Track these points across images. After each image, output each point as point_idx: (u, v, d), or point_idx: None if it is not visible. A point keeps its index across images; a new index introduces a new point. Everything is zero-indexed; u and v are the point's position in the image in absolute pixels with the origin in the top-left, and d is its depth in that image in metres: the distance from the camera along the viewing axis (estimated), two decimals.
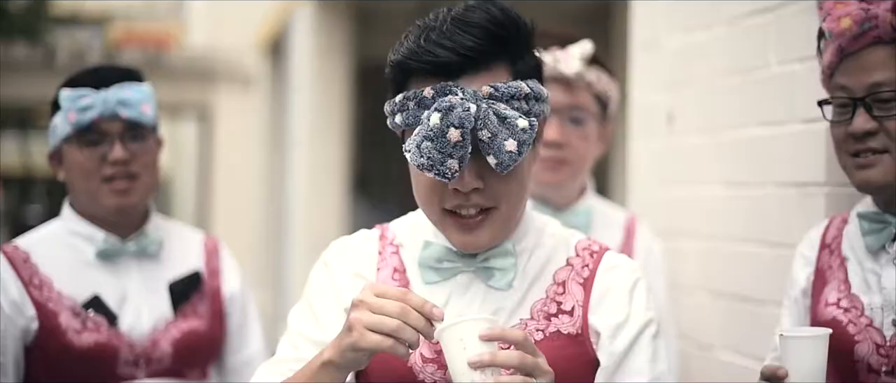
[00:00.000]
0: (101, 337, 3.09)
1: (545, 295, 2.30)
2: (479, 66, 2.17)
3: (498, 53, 2.19)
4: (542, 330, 2.27)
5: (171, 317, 3.20)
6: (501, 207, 2.23)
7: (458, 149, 2.11)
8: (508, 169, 2.13)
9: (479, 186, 2.19)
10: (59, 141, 3.16)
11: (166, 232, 3.33)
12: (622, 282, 2.32)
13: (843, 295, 2.61)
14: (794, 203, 3.25)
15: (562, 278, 2.32)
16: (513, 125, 2.12)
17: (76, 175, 3.16)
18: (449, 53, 2.16)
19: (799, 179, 3.23)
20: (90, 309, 3.10)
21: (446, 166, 2.12)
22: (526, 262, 2.33)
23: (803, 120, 3.19)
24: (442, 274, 2.30)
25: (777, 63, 3.36)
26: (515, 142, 2.11)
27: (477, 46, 2.16)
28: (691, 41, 3.95)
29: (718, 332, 3.68)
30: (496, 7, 2.20)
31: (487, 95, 2.14)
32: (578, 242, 2.38)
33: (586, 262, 2.35)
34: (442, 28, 2.17)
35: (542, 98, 2.23)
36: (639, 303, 2.31)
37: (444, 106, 2.11)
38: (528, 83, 2.20)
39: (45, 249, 3.18)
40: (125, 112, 3.11)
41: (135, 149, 3.14)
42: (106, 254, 3.18)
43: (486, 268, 2.29)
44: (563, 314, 2.29)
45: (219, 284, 3.34)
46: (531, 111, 2.19)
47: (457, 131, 2.10)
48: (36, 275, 3.12)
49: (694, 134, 3.92)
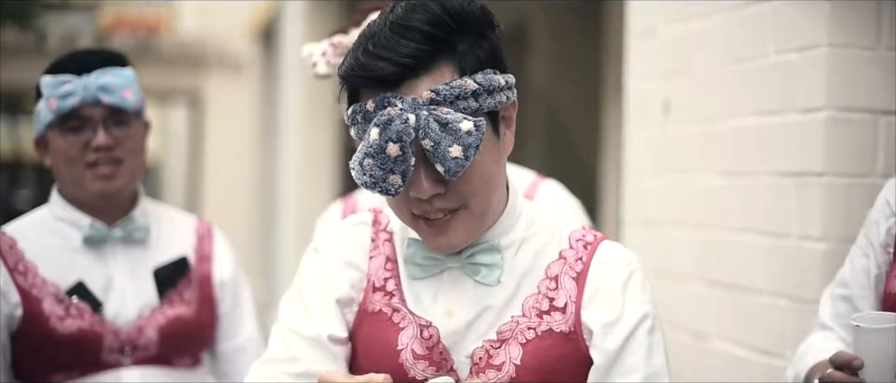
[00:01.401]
0: (84, 324, 3.06)
1: (537, 291, 2.23)
2: (419, 72, 2.08)
3: (439, 53, 2.10)
4: (533, 328, 2.21)
5: (157, 304, 3.17)
6: (470, 205, 2.16)
7: (399, 164, 2.05)
8: (457, 175, 2.05)
9: (439, 191, 2.12)
10: (43, 127, 3.14)
11: (156, 217, 3.31)
12: (616, 277, 2.23)
13: None
14: (790, 192, 3.24)
15: (554, 272, 2.24)
16: (455, 129, 2.04)
17: (60, 161, 3.14)
18: (386, 63, 2.07)
19: (796, 169, 3.22)
20: (74, 296, 3.08)
21: (389, 183, 2.07)
22: (514, 256, 2.25)
23: (801, 109, 3.19)
24: (428, 270, 2.25)
25: (775, 52, 3.35)
26: (460, 147, 2.04)
27: (414, 52, 2.07)
28: (688, 30, 3.94)
29: (714, 322, 3.68)
30: (435, 2, 2.11)
31: (428, 101, 2.06)
32: (572, 233, 2.29)
33: (580, 255, 2.26)
34: (381, 35, 2.09)
35: (495, 88, 2.12)
36: (633, 299, 2.22)
37: (382, 120, 2.05)
38: (476, 78, 2.10)
39: (31, 235, 3.16)
40: (107, 98, 3.08)
41: (118, 135, 3.11)
42: (92, 240, 3.15)
43: (472, 264, 2.23)
44: (556, 311, 2.21)
45: (210, 269, 3.31)
46: (481, 107, 2.10)
47: (395, 146, 2.04)
48: (21, 261, 3.10)
49: (690, 123, 3.91)
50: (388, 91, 2.09)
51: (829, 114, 3.08)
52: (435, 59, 2.09)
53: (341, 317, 2.27)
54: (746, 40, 3.52)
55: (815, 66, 3.12)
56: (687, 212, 3.91)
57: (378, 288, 2.29)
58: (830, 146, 3.07)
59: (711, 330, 3.68)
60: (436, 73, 2.09)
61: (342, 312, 2.28)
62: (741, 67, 3.54)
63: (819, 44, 3.11)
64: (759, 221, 3.41)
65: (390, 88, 2.08)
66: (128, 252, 3.20)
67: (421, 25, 2.08)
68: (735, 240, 3.55)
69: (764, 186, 3.39)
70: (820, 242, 3.07)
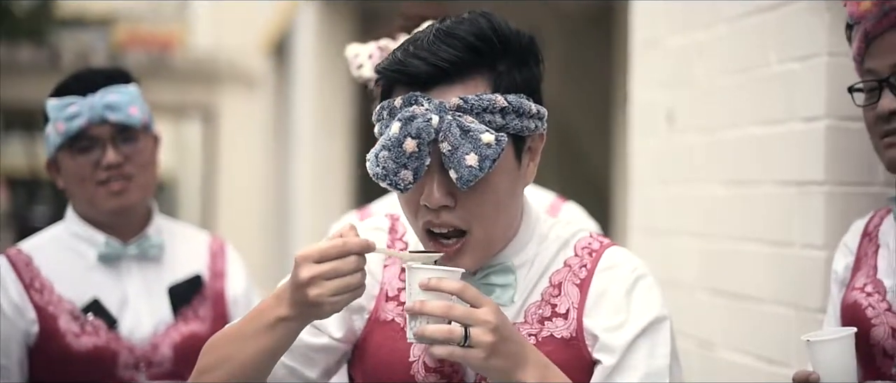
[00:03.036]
0: (99, 341, 3.10)
1: (540, 298, 2.25)
2: (453, 78, 2.12)
3: (476, 65, 2.13)
4: (534, 334, 2.22)
5: (172, 321, 3.20)
6: (474, 231, 2.17)
7: (413, 161, 2.08)
8: (469, 184, 2.07)
9: (448, 204, 2.14)
10: (54, 150, 3.17)
11: (170, 234, 3.33)
12: (620, 283, 2.24)
13: (869, 279, 2.60)
14: (793, 202, 3.25)
15: (558, 280, 2.26)
16: (476, 139, 2.06)
17: (73, 182, 3.17)
18: (421, 63, 2.12)
19: (798, 178, 3.23)
20: (89, 313, 3.11)
21: (400, 177, 2.09)
22: (526, 273, 2.27)
23: (803, 118, 3.20)
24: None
25: (777, 62, 3.36)
26: (477, 157, 2.06)
27: (452, 58, 2.11)
28: (691, 40, 3.96)
29: (718, 331, 3.69)
30: (486, 19, 2.15)
31: (455, 107, 2.09)
32: (579, 241, 2.30)
33: (584, 262, 2.27)
34: (426, 39, 2.13)
35: (526, 113, 2.15)
36: (639, 304, 2.22)
37: (405, 116, 2.08)
38: (509, 97, 2.12)
39: (47, 253, 3.19)
40: (113, 116, 3.11)
41: (127, 151, 3.14)
42: (107, 258, 3.19)
43: (486, 284, 2.24)
44: (558, 317, 2.23)
45: (223, 286, 3.34)
46: (507, 126, 2.12)
47: (413, 141, 2.07)
48: (37, 278, 3.13)
49: (694, 133, 3.92)
50: (418, 90, 2.12)
51: (830, 123, 3.09)
52: (471, 70, 2.13)
53: (342, 321, 2.30)
54: (748, 50, 3.53)
55: (816, 75, 3.13)
56: (691, 221, 3.93)
57: (391, 297, 2.32)
58: (831, 155, 3.08)
59: (716, 338, 3.69)
60: (469, 83, 2.13)
61: (350, 317, 2.31)
62: (743, 77, 3.56)
63: (819, 53, 3.12)
64: (763, 230, 3.42)
65: (422, 88, 2.13)
66: (142, 269, 3.23)
67: (465, 35, 2.12)
68: (738, 249, 3.56)
69: (767, 195, 3.40)
70: (823, 250, 3.08)
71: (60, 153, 3.17)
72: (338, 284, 2.06)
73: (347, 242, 2.07)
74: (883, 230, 2.67)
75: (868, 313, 2.53)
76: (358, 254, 2.07)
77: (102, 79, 3.16)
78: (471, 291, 2.06)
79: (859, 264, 2.68)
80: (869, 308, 2.54)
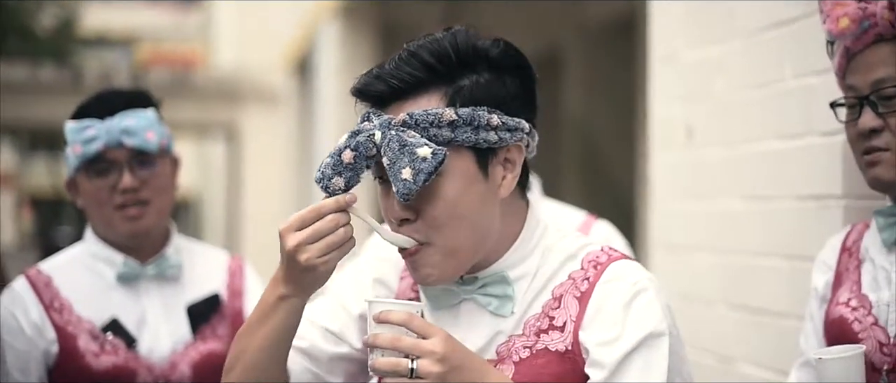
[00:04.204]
0: (118, 360, 3.11)
1: (540, 311, 2.23)
2: (406, 95, 2.17)
3: (431, 82, 2.17)
4: (529, 346, 2.20)
5: (191, 340, 3.21)
6: (435, 243, 2.18)
7: (348, 170, 2.14)
8: (406, 198, 2.10)
9: (407, 217, 2.18)
10: (72, 171, 3.19)
11: (188, 253, 3.34)
12: (618, 296, 2.18)
13: (853, 294, 2.61)
14: (811, 215, 3.25)
15: (559, 292, 2.23)
16: (412, 153, 2.09)
17: (90, 204, 3.19)
18: (378, 83, 2.18)
19: (816, 192, 3.23)
20: (108, 332, 3.13)
21: (332, 183, 2.15)
22: (528, 285, 2.25)
23: (820, 132, 3.20)
24: (443, 301, 2.29)
25: (793, 76, 3.36)
26: (411, 171, 2.09)
27: (406, 77, 2.16)
28: (709, 55, 3.96)
29: (737, 345, 3.69)
30: (452, 36, 2.19)
31: (400, 122, 2.13)
32: (588, 254, 2.26)
33: (588, 275, 2.23)
34: (392, 60, 2.19)
35: (484, 125, 2.16)
36: (635, 319, 2.16)
37: (354, 130, 2.16)
38: (461, 110, 2.14)
39: (66, 273, 3.21)
40: (130, 140, 3.12)
41: (144, 176, 3.15)
42: (126, 278, 3.20)
43: (483, 294, 2.25)
44: (554, 330, 2.20)
45: (241, 304, 3.34)
46: (456, 139, 2.14)
47: (351, 153, 2.14)
48: (57, 298, 3.15)
49: (712, 147, 3.92)
50: (378, 108, 2.19)
51: None
52: (427, 88, 2.17)
53: (362, 331, 2.32)
54: (766, 65, 3.53)
55: (833, 89, 3.13)
56: (710, 236, 3.93)
57: None
58: (849, 169, 3.08)
59: (736, 353, 3.69)
60: (423, 100, 2.17)
61: (363, 327, 2.32)
62: (761, 92, 3.56)
63: None
64: (782, 244, 3.42)
65: (380, 107, 2.19)
66: (161, 288, 3.24)
67: (424, 55, 2.17)
68: (758, 263, 3.56)
69: (785, 209, 3.40)
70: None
71: (79, 175, 3.19)
72: (322, 244, 2.14)
73: (321, 203, 2.15)
74: (864, 245, 2.69)
75: (855, 327, 2.55)
76: (334, 212, 2.14)
77: (121, 102, 3.18)
78: (417, 322, 2.07)
79: (840, 279, 2.70)
80: (855, 322, 2.56)
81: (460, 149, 2.16)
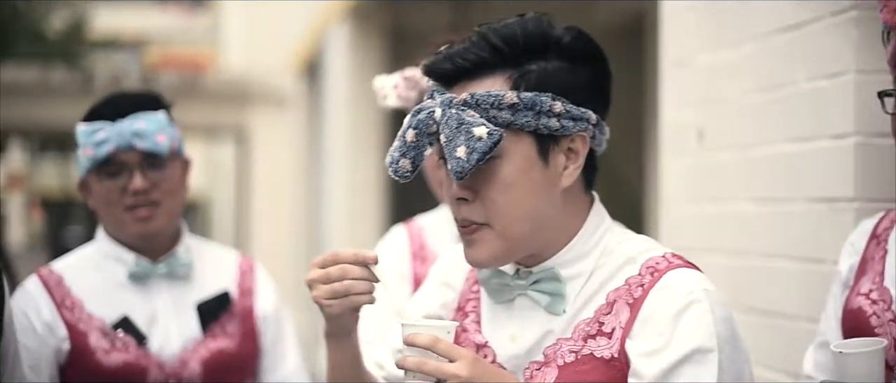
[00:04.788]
0: (129, 358, 3.13)
1: (592, 315, 2.17)
2: (472, 76, 2.16)
3: (498, 65, 2.15)
4: (575, 351, 2.15)
5: (201, 337, 3.23)
6: (494, 225, 2.16)
7: (411, 150, 2.13)
8: (459, 176, 2.08)
9: (464, 196, 2.16)
10: (84, 172, 3.21)
11: (199, 253, 3.36)
12: (669, 305, 2.11)
13: (875, 286, 2.55)
14: (823, 218, 3.25)
15: (613, 298, 2.17)
16: (468, 131, 2.07)
17: (101, 205, 3.21)
18: (446, 62, 2.17)
19: (828, 195, 3.23)
20: (119, 330, 3.15)
21: (399, 165, 2.14)
22: (582, 286, 2.20)
23: (832, 136, 3.20)
24: (500, 295, 2.26)
25: (805, 80, 3.36)
26: (465, 149, 2.06)
27: (473, 58, 2.15)
28: (721, 59, 3.96)
29: (751, 348, 3.67)
30: (524, 21, 2.18)
31: (461, 102, 2.12)
32: (649, 259, 2.20)
33: (643, 281, 2.16)
34: (463, 41, 2.19)
35: (546, 112, 2.13)
36: (685, 331, 2.08)
37: (417, 108, 2.15)
38: (524, 94, 2.12)
39: (78, 271, 3.24)
40: (140, 143, 3.13)
41: (155, 178, 3.17)
42: (137, 276, 3.22)
43: (536, 291, 2.21)
44: (602, 336, 2.14)
45: (252, 303, 3.36)
46: (515, 123, 2.11)
47: (413, 132, 2.12)
48: (68, 296, 3.18)
49: (724, 150, 3.93)
50: (444, 87, 2.18)
51: (859, 140, 3.09)
52: (493, 69, 2.16)
53: None
54: (777, 68, 3.53)
55: (844, 92, 3.14)
56: (721, 239, 3.93)
57: (460, 308, 2.35)
58: (861, 171, 3.08)
59: None
60: (488, 82, 2.16)
61: None
62: (772, 95, 3.56)
63: (847, 70, 3.12)
64: (794, 247, 3.42)
65: (446, 86, 2.18)
66: (172, 287, 3.26)
67: (492, 37, 2.16)
68: (770, 266, 3.56)
69: (797, 212, 3.40)
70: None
71: (90, 176, 3.21)
72: (327, 289, 2.17)
73: (340, 250, 2.19)
74: (893, 236, 2.63)
75: (872, 322, 2.50)
76: (350, 262, 2.17)
77: (132, 104, 3.19)
78: (442, 346, 2.05)
79: (865, 267, 2.65)
80: (873, 316, 2.50)
81: (520, 134, 2.13)
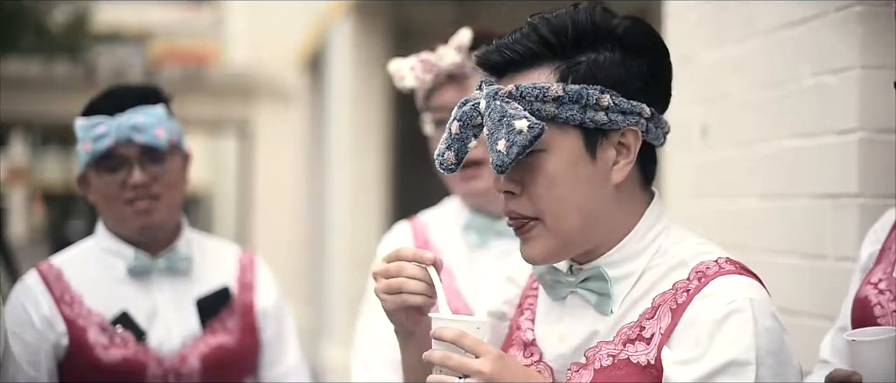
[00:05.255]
0: (128, 353, 3.12)
1: (636, 319, 2.10)
2: (520, 67, 2.11)
3: (546, 57, 2.10)
4: (613, 355, 2.09)
5: (200, 333, 3.22)
6: (545, 220, 2.10)
7: (455, 142, 2.09)
8: (500, 169, 2.03)
9: (511, 190, 2.12)
10: (83, 167, 3.20)
11: (200, 247, 3.36)
12: (710, 314, 2.02)
13: (885, 276, 2.52)
14: (828, 214, 3.25)
15: (658, 302, 2.09)
16: (509, 124, 2.02)
17: (101, 199, 3.20)
18: (496, 53, 2.13)
19: (833, 191, 3.23)
20: (118, 326, 3.14)
21: (444, 157, 2.11)
22: (631, 287, 2.14)
23: (836, 131, 3.20)
24: (555, 292, 2.21)
25: (810, 75, 3.36)
26: (505, 143, 2.02)
27: (521, 49, 2.10)
28: (725, 55, 3.96)
29: None
30: (575, 12, 2.12)
31: (506, 93, 2.07)
32: (700, 264, 2.11)
33: (690, 287, 2.08)
34: (515, 32, 2.14)
35: (592, 105, 2.06)
36: (723, 341, 2.00)
37: (464, 100, 2.12)
38: (570, 87, 2.06)
39: (77, 266, 3.23)
40: (139, 137, 3.12)
41: (154, 171, 3.16)
42: (136, 271, 3.21)
43: (585, 289, 2.16)
44: (641, 341, 2.08)
45: (252, 298, 3.35)
46: (560, 116, 2.06)
47: (457, 124, 2.09)
48: (67, 291, 3.17)
49: (728, 147, 3.92)
50: (492, 78, 2.14)
51: (864, 136, 3.08)
52: (541, 61, 2.11)
53: (493, 333, 2.32)
54: (781, 64, 3.53)
55: (849, 88, 3.13)
56: (726, 235, 3.92)
57: (520, 304, 2.32)
58: (865, 167, 3.08)
59: None
60: (534, 74, 2.10)
61: (500, 326, 2.35)
62: (777, 91, 3.56)
63: (852, 66, 3.12)
64: (798, 243, 3.41)
65: (497, 77, 2.14)
66: (172, 282, 3.25)
67: (542, 29, 2.11)
68: (773, 261, 3.56)
69: (801, 208, 3.39)
70: (857, 263, 3.08)
71: (89, 171, 3.20)
72: (383, 283, 2.17)
73: (403, 248, 2.18)
74: None
75: (876, 312, 2.48)
76: (408, 260, 2.15)
77: (131, 98, 3.18)
78: (468, 340, 2.01)
79: (882, 256, 2.62)
80: (877, 306, 2.49)
81: (567, 127, 2.08)
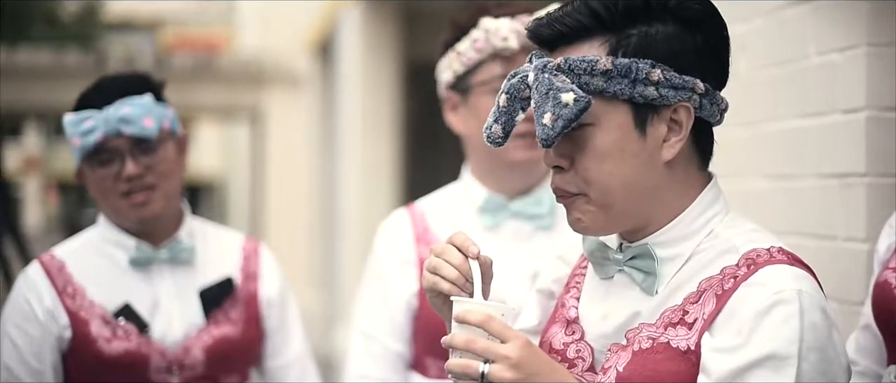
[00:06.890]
0: (130, 345, 3.11)
1: (680, 302, 2.04)
2: (571, 40, 2.06)
3: (597, 30, 2.04)
4: (653, 338, 2.04)
5: (203, 324, 3.20)
6: (591, 195, 2.06)
7: (503, 115, 2.06)
8: (545, 143, 1.99)
9: (560, 165, 2.07)
10: (78, 162, 3.18)
11: (202, 236, 3.33)
12: (754, 303, 1.96)
13: None
14: (835, 194, 3.23)
15: (704, 287, 2.03)
16: (555, 97, 1.98)
17: (97, 193, 3.18)
18: (546, 26, 2.08)
19: (839, 170, 3.21)
20: (120, 318, 3.13)
21: (492, 130, 2.07)
22: (678, 269, 2.08)
23: (843, 110, 3.18)
24: (599, 269, 2.17)
25: (816, 54, 3.33)
26: (551, 116, 1.97)
27: (571, 22, 2.05)
28: (731, 33, 3.93)
29: None
30: None
31: (555, 66, 2.02)
32: (752, 250, 2.04)
33: (738, 273, 2.01)
34: (567, 5, 2.09)
35: (638, 78, 2.02)
36: (765, 332, 1.93)
37: (513, 73, 2.08)
38: (619, 60, 2.02)
39: (79, 258, 3.21)
40: (127, 129, 3.09)
41: (147, 162, 3.12)
42: (138, 262, 3.19)
43: (631, 267, 2.11)
44: (683, 325, 2.02)
45: (256, 288, 3.33)
46: (608, 90, 2.01)
47: (505, 96, 2.05)
48: (70, 283, 3.15)
49: (734, 127, 3.90)
50: (543, 51, 2.10)
51: (871, 114, 3.06)
52: (591, 34, 2.06)
53: (538, 307, 2.35)
54: (788, 43, 3.51)
55: (856, 66, 3.11)
56: None
57: (567, 282, 2.29)
58: (872, 146, 3.06)
59: None
60: (584, 47, 2.05)
61: (546, 304, 2.34)
62: (783, 70, 3.54)
63: (859, 44, 3.10)
64: (805, 223, 3.40)
65: (548, 50, 2.10)
66: (174, 272, 3.24)
67: (593, 2, 2.06)
68: (783, 242, 3.54)
69: (808, 188, 3.38)
70: (865, 243, 3.06)
71: (83, 165, 3.17)
72: (429, 263, 2.12)
73: (457, 234, 2.12)
74: None
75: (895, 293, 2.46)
76: (454, 247, 2.10)
77: (118, 90, 3.15)
78: (495, 325, 1.97)
79: None
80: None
81: (616, 102, 2.03)
